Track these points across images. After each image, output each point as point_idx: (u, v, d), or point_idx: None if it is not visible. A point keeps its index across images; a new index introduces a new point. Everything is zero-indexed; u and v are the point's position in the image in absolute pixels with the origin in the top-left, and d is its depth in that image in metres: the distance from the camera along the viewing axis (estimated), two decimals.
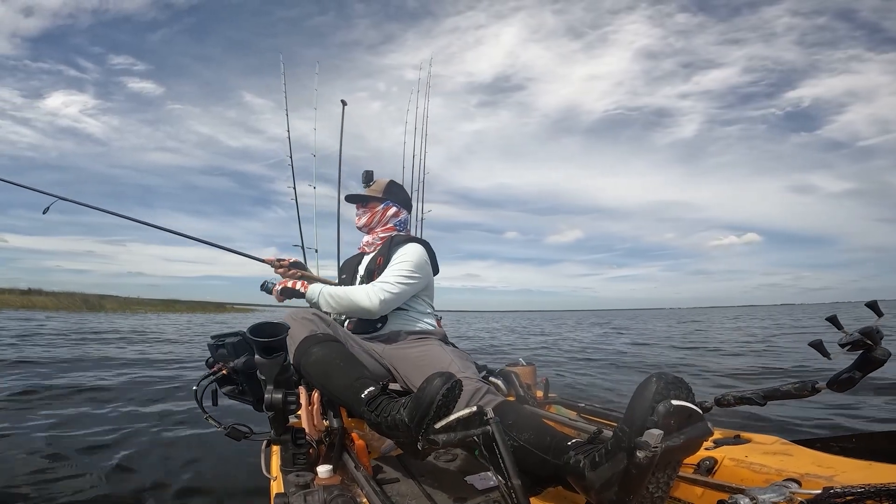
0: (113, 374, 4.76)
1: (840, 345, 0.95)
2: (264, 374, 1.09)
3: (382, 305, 1.52)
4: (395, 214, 1.81)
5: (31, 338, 8.19)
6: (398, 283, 1.56)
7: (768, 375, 4.65)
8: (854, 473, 0.87)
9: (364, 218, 1.81)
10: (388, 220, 1.80)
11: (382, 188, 1.81)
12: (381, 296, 1.51)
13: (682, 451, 0.83)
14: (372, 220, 1.80)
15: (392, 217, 1.81)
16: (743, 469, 0.99)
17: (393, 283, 1.55)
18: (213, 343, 1.46)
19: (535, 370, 1.98)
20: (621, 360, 6.59)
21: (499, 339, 11.46)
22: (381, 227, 1.80)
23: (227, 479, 2.05)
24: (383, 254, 1.69)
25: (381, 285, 1.54)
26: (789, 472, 0.91)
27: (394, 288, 1.54)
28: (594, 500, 0.90)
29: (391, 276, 1.57)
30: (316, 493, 0.88)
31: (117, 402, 3.51)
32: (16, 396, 3.53)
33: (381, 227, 1.80)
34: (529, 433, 1.06)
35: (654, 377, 0.86)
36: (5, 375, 4.41)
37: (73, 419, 2.97)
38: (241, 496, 1.86)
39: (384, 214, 1.79)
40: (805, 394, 1.06)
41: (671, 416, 0.80)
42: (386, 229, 1.80)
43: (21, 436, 2.56)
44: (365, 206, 1.81)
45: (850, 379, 0.96)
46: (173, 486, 2.00)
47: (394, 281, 1.56)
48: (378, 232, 1.80)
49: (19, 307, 21.40)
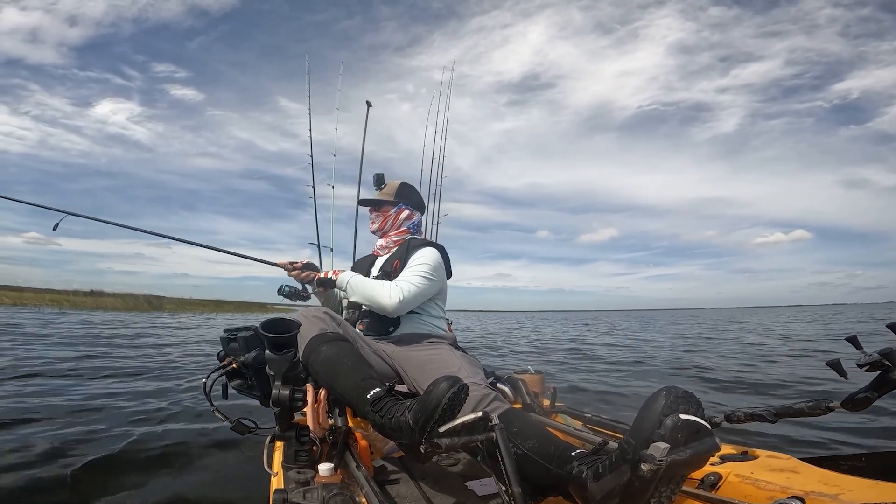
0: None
1: (858, 365, 0.93)
2: (273, 369, 1.11)
3: (401, 304, 1.52)
4: (407, 217, 1.81)
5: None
6: (418, 283, 1.56)
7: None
8: (860, 492, 0.85)
9: (377, 222, 1.80)
10: (402, 224, 1.80)
11: (394, 191, 1.80)
12: (401, 295, 1.52)
13: (688, 466, 0.82)
14: (385, 223, 1.79)
15: (405, 220, 1.80)
16: (748, 485, 0.98)
17: (413, 282, 1.55)
18: (225, 336, 1.48)
19: (543, 378, 1.96)
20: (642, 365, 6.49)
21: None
22: (394, 231, 1.80)
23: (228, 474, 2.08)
24: (400, 257, 1.68)
25: (401, 284, 1.54)
26: (794, 490, 0.89)
27: (413, 287, 1.54)
28: None
29: (410, 276, 1.57)
30: (315, 490, 0.89)
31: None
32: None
33: (394, 230, 1.80)
34: (534, 441, 1.05)
35: (664, 390, 0.85)
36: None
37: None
38: (242, 491, 1.88)
39: (397, 218, 1.79)
40: (818, 412, 1.04)
41: (679, 430, 0.79)
42: (399, 233, 1.79)
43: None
44: (378, 209, 1.81)
45: (866, 399, 0.95)
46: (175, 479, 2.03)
47: (413, 281, 1.56)
48: (391, 235, 1.79)
49: (93, 308, 23.06)
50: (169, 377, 4.48)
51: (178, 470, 2.15)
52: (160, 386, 3.96)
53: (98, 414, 2.96)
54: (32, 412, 2.86)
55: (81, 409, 3.02)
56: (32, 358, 5.25)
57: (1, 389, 3.50)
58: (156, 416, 2.96)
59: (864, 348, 0.94)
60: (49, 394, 3.47)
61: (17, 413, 2.82)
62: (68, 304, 24.10)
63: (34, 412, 2.87)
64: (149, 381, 4.23)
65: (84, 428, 2.59)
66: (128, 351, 6.55)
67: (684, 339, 11.23)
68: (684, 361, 6.40)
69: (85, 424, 2.68)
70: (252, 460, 2.05)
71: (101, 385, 3.91)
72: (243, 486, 1.90)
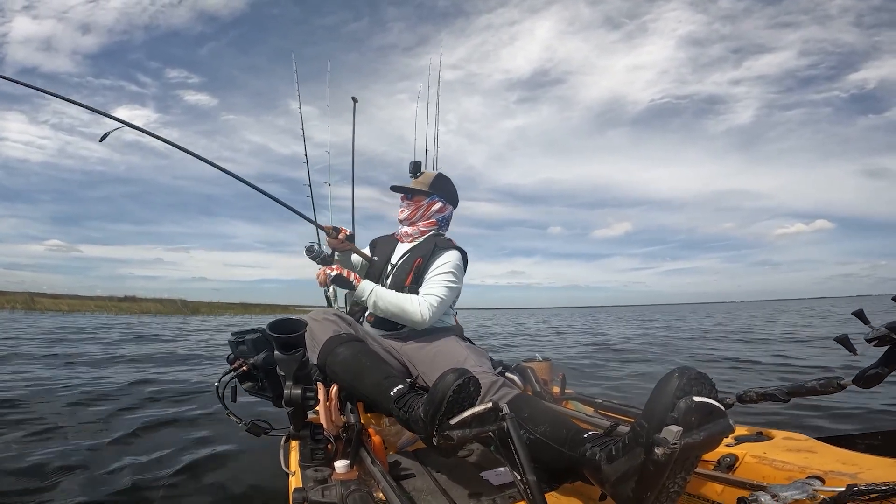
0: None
1: (866, 340, 0.93)
2: (283, 370, 1.11)
3: (431, 318, 1.52)
4: (439, 210, 1.75)
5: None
6: (444, 294, 1.56)
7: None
8: (879, 471, 0.85)
9: (407, 211, 1.74)
10: (432, 216, 1.74)
11: (430, 181, 1.74)
12: (431, 311, 1.51)
13: (701, 448, 0.82)
14: (415, 214, 1.74)
15: (436, 212, 1.74)
16: (765, 466, 0.97)
17: (439, 294, 1.55)
18: (233, 340, 1.49)
19: (551, 366, 1.97)
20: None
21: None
22: (423, 222, 1.74)
23: (247, 474, 2.10)
24: (423, 255, 1.64)
25: (430, 299, 1.53)
26: (812, 470, 0.89)
27: (440, 301, 1.55)
28: (609, 493, 0.90)
29: (437, 289, 1.56)
30: (333, 487, 0.90)
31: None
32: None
33: (423, 221, 1.74)
34: (545, 426, 1.06)
35: (677, 372, 0.84)
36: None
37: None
38: (261, 491, 1.90)
39: (429, 209, 1.73)
40: (830, 391, 1.04)
41: (692, 412, 0.79)
42: (428, 224, 1.74)
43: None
44: (410, 198, 1.75)
45: (877, 375, 0.94)
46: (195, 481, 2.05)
47: (440, 293, 1.55)
48: (419, 225, 1.74)
49: (138, 312, 23.50)
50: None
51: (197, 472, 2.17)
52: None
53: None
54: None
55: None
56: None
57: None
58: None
59: (872, 323, 0.93)
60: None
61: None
62: (116, 309, 24.76)
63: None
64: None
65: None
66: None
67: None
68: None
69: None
70: (269, 461, 2.08)
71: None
72: (262, 486, 1.93)
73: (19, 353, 5.61)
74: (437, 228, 1.76)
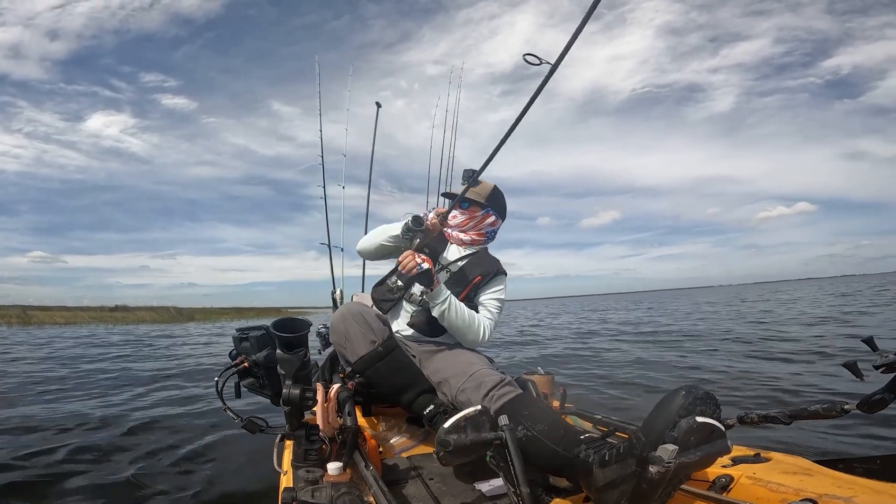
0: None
1: (874, 366, 0.92)
2: (284, 368, 1.12)
3: (486, 342, 1.58)
4: (492, 223, 1.74)
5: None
6: (496, 320, 1.63)
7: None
8: (874, 496, 0.84)
9: (461, 218, 1.72)
10: (484, 228, 1.73)
11: (487, 194, 1.73)
12: (488, 335, 1.57)
13: (696, 467, 0.82)
14: (468, 223, 1.72)
15: (488, 225, 1.74)
16: (759, 487, 0.96)
17: (495, 320, 1.62)
18: (237, 335, 1.50)
19: (552, 379, 1.95)
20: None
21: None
22: (474, 232, 1.73)
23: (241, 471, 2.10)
24: (482, 273, 1.63)
25: (490, 324, 1.59)
26: (807, 493, 0.88)
27: (494, 326, 1.62)
28: (594, 498, 0.90)
29: (495, 313, 1.63)
30: (324, 489, 0.90)
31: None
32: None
33: (474, 231, 1.73)
34: (543, 425, 1.07)
35: (684, 390, 0.85)
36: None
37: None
38: (251, 489, 1.90)
39: (482, 221, 1.72)
40: (833, 415, 1.02)
41: (692, 432, 0.79)
42: (479, 234, 1.73)
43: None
44: (467, 207, 1.73)
45: (882, 401, 0.93)
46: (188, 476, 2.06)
47: (495, 318, 1.62)
48: (471, 234, 1.73)
49: (134, 322, 23.15)
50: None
51: (190, 466, 2.18)
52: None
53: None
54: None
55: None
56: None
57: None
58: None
59: (881, 348, 0.92)
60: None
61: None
62: (110, 319, 24.02)
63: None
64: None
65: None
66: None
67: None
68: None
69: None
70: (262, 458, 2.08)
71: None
72: (252, 484, 1.93)
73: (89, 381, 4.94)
74: (486, 241, 1.76)
